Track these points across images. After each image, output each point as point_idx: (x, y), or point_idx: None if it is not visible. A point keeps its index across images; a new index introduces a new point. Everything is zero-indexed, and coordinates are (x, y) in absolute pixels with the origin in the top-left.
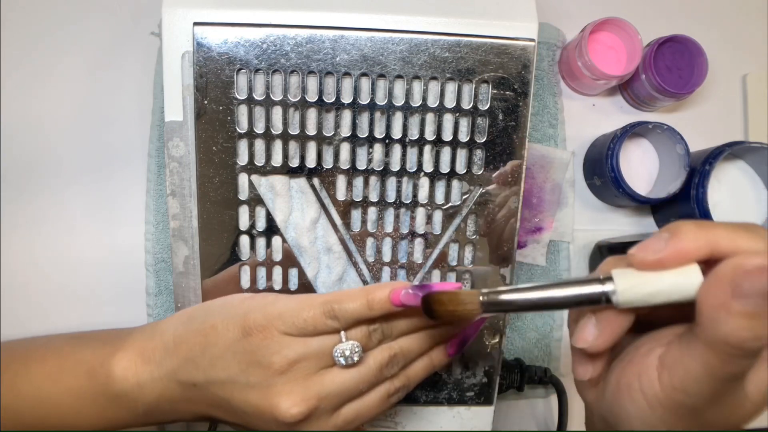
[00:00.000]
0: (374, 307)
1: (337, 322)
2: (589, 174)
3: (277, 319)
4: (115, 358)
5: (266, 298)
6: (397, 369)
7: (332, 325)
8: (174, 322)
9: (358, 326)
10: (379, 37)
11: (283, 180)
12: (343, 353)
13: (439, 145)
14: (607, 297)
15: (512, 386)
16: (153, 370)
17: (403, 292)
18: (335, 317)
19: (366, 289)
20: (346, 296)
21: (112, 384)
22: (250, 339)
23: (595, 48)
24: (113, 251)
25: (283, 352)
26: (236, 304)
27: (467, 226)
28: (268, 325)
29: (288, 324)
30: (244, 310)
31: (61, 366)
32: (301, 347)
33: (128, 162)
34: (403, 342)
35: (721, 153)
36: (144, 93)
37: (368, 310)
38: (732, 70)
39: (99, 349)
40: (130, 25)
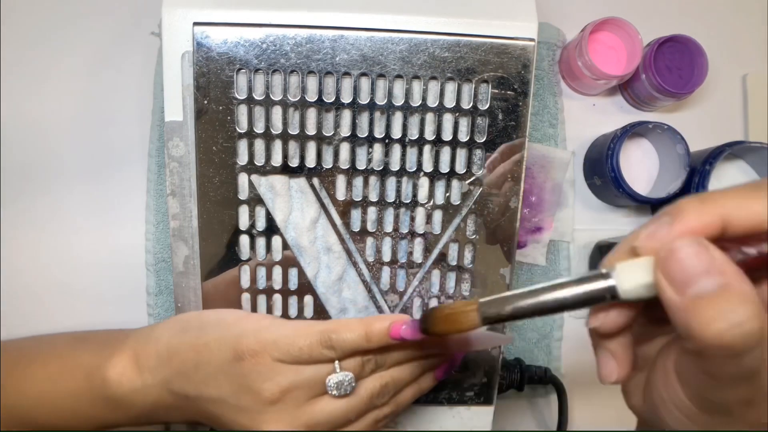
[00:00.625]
0: (372, 340)
1: (333, 353)
2: (589, 174)
3: (271, 345)
4: (110, 363)
5: (261, 322)
6: (387, 398)
7: (328, 355)
8: (169, 330)
9: (352, 356)
10: (379, 37)
11: (282, 180)
12: (336, 385)
13: (438, 144)
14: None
15: (512, 386)
16: (147, 377)
17: (403, 327)
18: (332, 347)
19: (364, 321)
20: (343, 326)
21: (108, 388)
22: (242, 363)
23: (595, 48)
24: (114, 251)
25: (276, 379)
26: (230, 323)
27: (467, 226)
28: (262, 351)
29: (282, 351)
30: (238, 333)
31: (61, 368)
32: (293, 375)
33: (128, 162)
34: (395, 372)
35: (721, 153)
36: (144, 93)
37: (366, 342)
38: (732, 70)
39: (97, 352)
40: (130, 25)
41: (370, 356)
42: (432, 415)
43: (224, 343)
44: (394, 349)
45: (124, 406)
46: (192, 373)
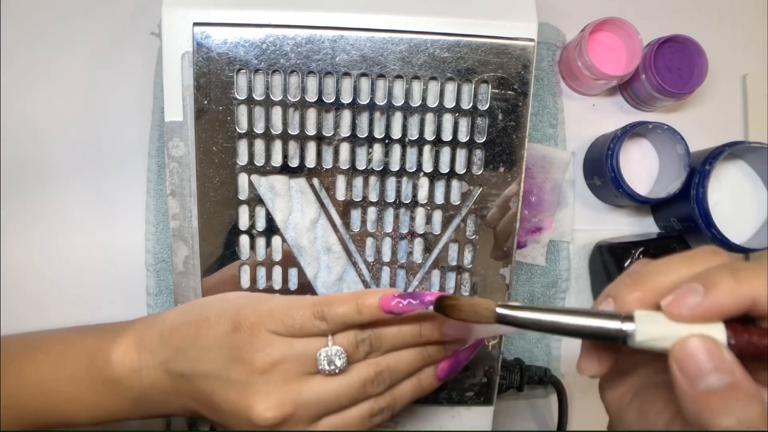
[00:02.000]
0: (363, 312)
1: (325, 324)
2: (589, 174)
3: (267, 316)
4: (114, 344)
5: (261, 297)
6: (382, 388)
7: (320, 326)
8: (173, 314)
9: (346, 333)
10: (379, 37)
11: (282, 180)
12: (327, 357)
13: (438, 145)
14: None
15: (512, 386)
16: (147, 358)
17: (393, 300)
18: (323, 318)
19: (356, 294)
20: (336, 299)
21: (109, 369)
22: (238, 334)
23: (595, 48)
24: (114, 251)
25: (267, 350)
26: (232, 299)
27: (467, 226)
28: (258, 322)
29: (277, 321)
30: (237, 306)
31: (65, 354)
32: (285, 348)
33: (128, 162)
34: (391, 359)
35: (721, 153)
36: (144, 93)
37: (357, 314)
38: (732, 70)
39: (101, 337)
40: (130, 25)
41: (365, 335)
42: (432, 415)
43: (223, 316)
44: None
45: (122, 389)
46: (189, 348)
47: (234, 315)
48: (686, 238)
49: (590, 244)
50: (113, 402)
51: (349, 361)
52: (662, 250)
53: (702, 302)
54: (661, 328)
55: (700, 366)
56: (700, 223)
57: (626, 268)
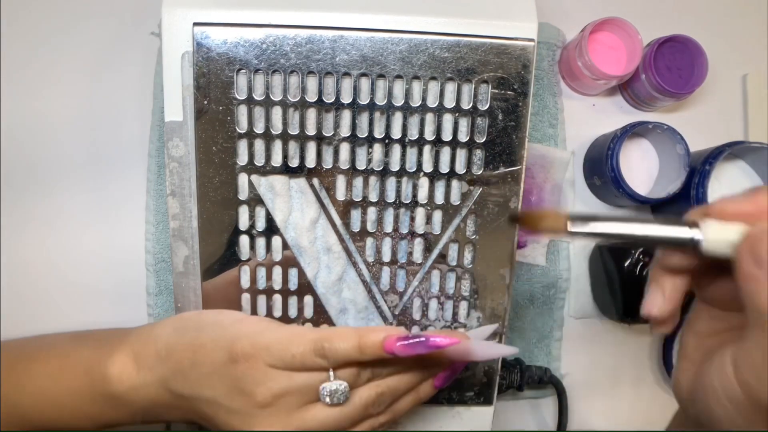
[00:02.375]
0: (366, 352)
1: (326, 362)
2: (589, 174)
3: (264, 350)
4: (110, 360)
5: (257, 325)
6: (383, 407)
7: (320, 364)
8: (167, 329)
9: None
10: (379, 37)
11: (282, 180)
12: (330, 393)
13: (438, 145)
14: (695, 242)
15: (512, 386)
16: (146, 375)
17: (397, 344)
18: (324, 356)
19: (359, 331)
20: (337, 335)
21: (108, 385)
22: (236, 366)
23: (595, 48)
24: (114, 251)
25: (268, 384)
26: (227, 325)
27: (467, 226)
28: (255, 355)
29: (275, 357)
30: (233, 335)
31: (62, 366)
32: (286, 381)
33: (128, 162)
34: (391, 381)
35: (721, 153)
36: (144, 93)
37: (359, 354)
38: (732, 70)
39: (97, 350)
40: (130, 25)
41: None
42: (432, 415)
43: (219, 345)
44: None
45: (123, 403)
46: (188, 372)
47: (230, 346)
48: None
49: (590, 244)
50: (118, 414)
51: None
52: None
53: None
54: (731, 232)
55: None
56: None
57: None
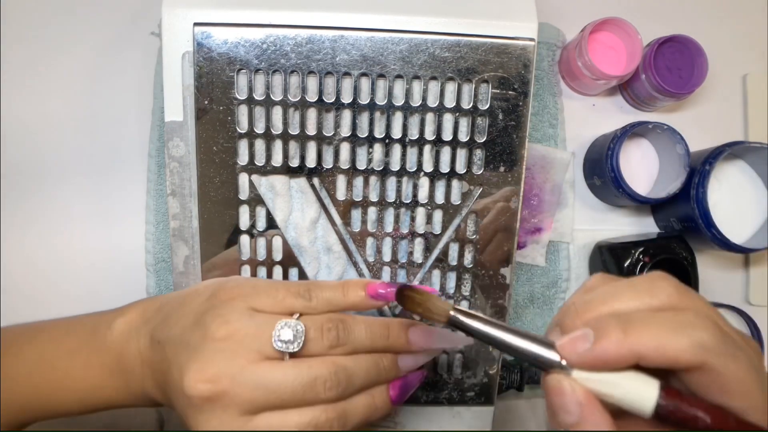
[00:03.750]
0: (348, 294)
1: (309, 301)
2: (589, 174)
3: (250, 288)
4: (121, 314)
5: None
6: (334, 393)
7: (303, 303)
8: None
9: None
10: (379, 37)
11: (283, 180)
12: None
13: (438, 144)
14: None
15: (512, 386)
16: (142, 325)
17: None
18: (309, 296)
19: (343, 281)
20: (323, 282)
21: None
22: (211, 300)
23: (595, 48)
24: (114, 251)
25: (227, 317)
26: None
27: (467, 226)
28: (237, 293)
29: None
30: (222, 282)
31: (67, 328)
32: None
33: (128, 162)
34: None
35: (721, 153)
36: (144, 93)
37: (342, 296)
38: (732, 70)
39: (109, 311)
40: (130, 25)
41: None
42: (432, 415)
43: (208, 287)
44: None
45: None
46: (171, 316)
47: (218, 284)
48: (686, 238)
49: (590, 244)
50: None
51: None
52: (662, 250)
53: (590, 350)
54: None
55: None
56: (700, 223)
57: (626, 268)
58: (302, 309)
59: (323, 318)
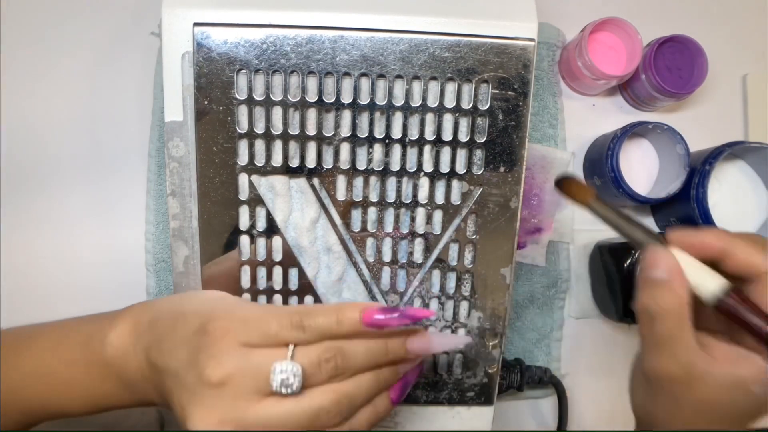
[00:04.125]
0: (344, 323)
1: (303, 333)
2: (589, 174)
3: (239, 323)
4: (112, 326)
5: (239, 302)
6: (339, 419)
7: (297, 336)
8: (167, 301)
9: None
10: (379, 37)
11: (283, 180)
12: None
13: (438, 145)
14: None
15: (512, 386)
16: (136, 342)
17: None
18: (302, 328)
19: (337, 305)
20: (316, 309)
21: (104, 350)
22: (203, 337)
23: (595, 48)
24: (113, 251)
25: (221, 359)
26: (214, 299)
27: (467, 226)
28: (227, 327)
29: (250, 328)
30: (212, 308)
31: (63, 338)
32: (242, 359)
33: (128, 162)
34: (350, 386)
35: (721, 153)
36: (144, 93)
37: (336, 325)
38: (732, 70)
39: (102, 320)
40: (130, 25)
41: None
42: (432, 415)
43: (197, 315)
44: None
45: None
46: (165, 340)
47: (206, 316)
48: None
49: (590, 245)
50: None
51: (307, 383)
52: None
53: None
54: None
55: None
56: (700, 223)
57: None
58: (296, 341)
59: (320, 349)
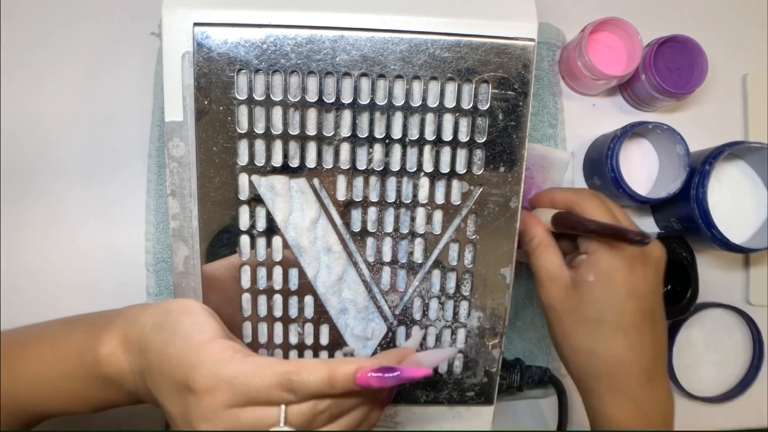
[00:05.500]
0: (336, 385)
1: (293, 396)
2: (589, 174)
3: (224, 384)
4: (100, 343)
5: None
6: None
7: (286, 398)
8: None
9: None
10: (379, 37)
11: (283, 180)
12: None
13: (439, 145)
14: None
15: (512, 386)
16: (131, 361)
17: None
18: (291, 390)
19: (328, 364)
20: (305, 368)
21: (99, 368)
22: (189, 396)
23: (595, 48)
24: (114, 251)
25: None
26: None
27: (467, 226)
28: (215, 388)
29: (237, 391)
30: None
31: (54, 351)
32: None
33: (128, 162)
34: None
35: (721, 153)
36: (144, 93)
37: (329, 387)
38: (732, 70)
39: (88, 333)
40: (130, 25)
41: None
42: (432, 415)
43: (182, 366)
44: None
45: (116, 385)
46: (156, 375)
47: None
48: (686, 238)
49: None
50: (111, 396)
51: None
52: None
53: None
54: None
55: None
56: (700, 223)
57: None
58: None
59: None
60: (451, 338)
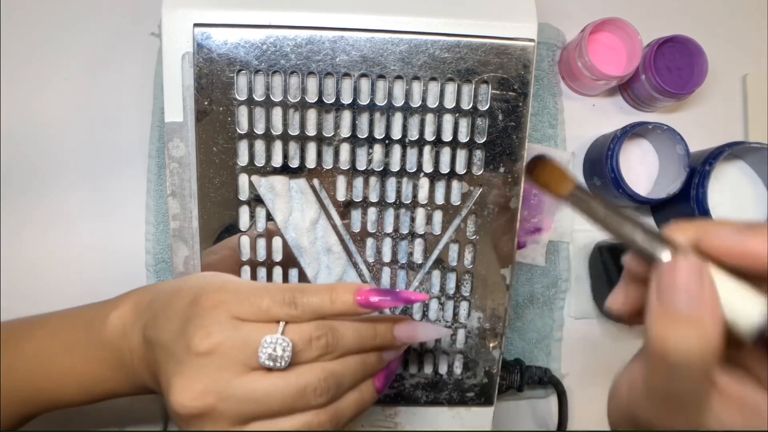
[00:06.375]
0: (337, 302)
1: (295, 309)
2: (589, 174)
3: (231, 296)
4: (115, 306)
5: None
6: (325, 398)
7: (288, 313)
8: (169, 281)
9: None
10: (379, 38)
11: (283, 180)
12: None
13: (438, 145)
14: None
15: (512, 386)
16: (135, 321)
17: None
18: (294, 305)
19: (331, 285)
20: (309, 287)
21: (104, 329)
22: (194, 308)
23: (595, 48)
24: (114, 251)
25: (210, 329)
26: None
27: (467, 226)
28: (219, 299)
29: (242, 301)
30: (207, 282)
31: (64, 322)
32: (230, 330)
33: (128, 162)
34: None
35: (721, 153)
36: (144, 93)
37: (330, 304)
38: (732, 70)
39: (105, 303)
40: (130, 25)
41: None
42: (432, 416)
43: (192, 289)
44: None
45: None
46: (160, 315)
47: (199, 289)
48: None
49: (590, 245)
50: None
51: (296, 359)
52: None
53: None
54: None
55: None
56: None
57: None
58: (288, 318)
59: (311, 327)
60: (451, 338)
